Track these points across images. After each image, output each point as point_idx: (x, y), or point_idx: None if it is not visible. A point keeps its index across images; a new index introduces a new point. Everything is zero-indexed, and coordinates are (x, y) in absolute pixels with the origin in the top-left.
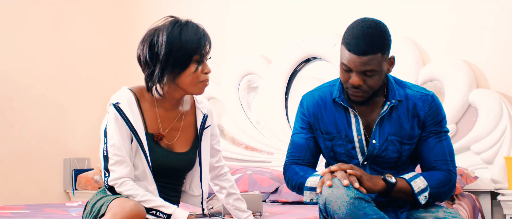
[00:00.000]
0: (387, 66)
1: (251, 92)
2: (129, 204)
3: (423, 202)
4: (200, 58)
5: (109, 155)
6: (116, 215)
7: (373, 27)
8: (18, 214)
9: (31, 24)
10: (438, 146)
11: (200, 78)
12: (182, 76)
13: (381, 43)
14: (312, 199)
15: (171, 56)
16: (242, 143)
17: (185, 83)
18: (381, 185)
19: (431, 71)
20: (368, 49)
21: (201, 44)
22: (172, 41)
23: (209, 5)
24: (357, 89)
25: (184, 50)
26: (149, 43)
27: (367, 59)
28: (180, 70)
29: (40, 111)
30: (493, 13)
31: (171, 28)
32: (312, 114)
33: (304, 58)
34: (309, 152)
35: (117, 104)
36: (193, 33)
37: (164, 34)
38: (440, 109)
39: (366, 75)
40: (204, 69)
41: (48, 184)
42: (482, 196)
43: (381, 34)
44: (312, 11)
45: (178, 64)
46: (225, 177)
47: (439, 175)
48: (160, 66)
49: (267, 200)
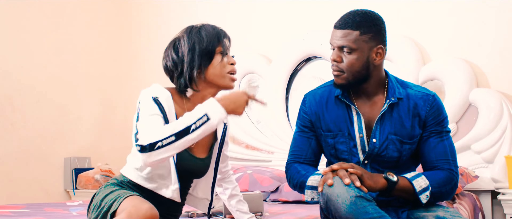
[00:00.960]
0: (370, 52)
1: (251, 91)
2: (145, 207)
3: (424, 201)
4: (223, 50)
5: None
6: (132, 215)
7: (361, 10)
8: (19, 213)
9: (31, 23)
10: (440, 145)
11: (227, 69)
12: (209, 69)
13: (361, 22)
14: (313, 198)
15: (195, 52)
16: (243, 142)
17: (213, 75)
18: (382, 183)
19: (432, 70)
20: (347, 24)
21: (221, 36)
22: (194, 39)
23: (208, 5)
24: (336, 66)
25: (206, 43)
26: (172, 49)
27: (343, 32)
28: (207, 63)
29: (40, 110)
30: (494, 12)
31: (190, 30)
32: (314, 112)
33: (304, 57)
34: (310, 151)
35: (156, 98)
36: (210, 29)
37: (184, 37)
38: (442, 109)
39: (343, 51)
40: (229, 61)
41: (49, 183)
42: (482, 195)
43: (366, 16)
44: (312, 10)
45: (203, 58)
46: (229, 179)
47: (441, 175)
48: (188, 64)
49: (268, 200)
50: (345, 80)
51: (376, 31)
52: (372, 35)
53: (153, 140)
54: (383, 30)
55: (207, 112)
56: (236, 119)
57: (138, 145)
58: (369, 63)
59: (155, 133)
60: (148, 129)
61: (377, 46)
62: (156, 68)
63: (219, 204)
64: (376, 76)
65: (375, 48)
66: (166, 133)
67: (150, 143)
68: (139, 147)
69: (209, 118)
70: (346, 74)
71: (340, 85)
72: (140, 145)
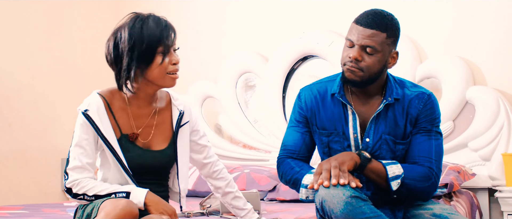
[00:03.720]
0: (389, 56)
1: (248, 90)
2: (121, 202)
3: (394, 188)
4: (165, 49)
5: (70, 158)
6: (109, 214)
7: (385, 12)
8: (16, 214)
9: (29, 23)
10: (425, 143)
11: (168, 69)
12: (149, 69)
13: (388, 25)
14: (308, 197)
15: (135, 51)
16: (240, 142)
17: (153, 76)
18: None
19: (428, 68)
20: (375, 24)
21: (164, 35)
22: (134, 36)
23: (206, 4)
24: (354, 63)
25: (146, 43)
26: (113, 42)
27: (371, 32)
28: (146, 64)
29: (38, 110)
30: (491, 10)
31: (133, 24)
32: (309, 108)
33: (301, 56)
34: (304, 147)
35: (86, 112)
36: (154, 26)
37: (126, 31)
38: (435, 108)
39: (366, 51)
40: (171, 60)
41: (46, 184)
42: (479, 193)
43: (391, 19)
44: (309, 8)
45: (143, 58)
46: (220, 175)
47: (418, 169)
48: (126, 63)
49: (265, 199)
50: (360, 78)
51: (398, 35)
52: (394, 39)
53: (76, 191)
54: (400, 35)
55: (131, 191)
56: (234, 118)
57: (65, 186)
58: (384, 67)
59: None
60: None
61: (394, 51)
62: None
63: (216, 203)
64: (381, 78)
65: (393, 52)
66: (90, 190)
67: (74, 194)
68: (65, 188)
69: (128, 196)
70: (364, 73)
71: (353, 82)
72: (65, 186)
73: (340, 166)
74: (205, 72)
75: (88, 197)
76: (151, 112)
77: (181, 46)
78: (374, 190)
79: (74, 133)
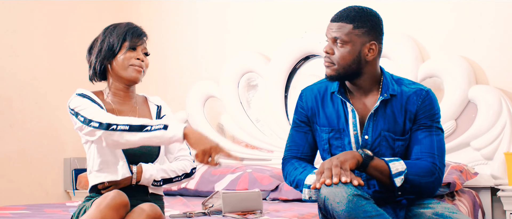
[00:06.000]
0: (364, 48)
1: (250, 90)
2: (111, 193)
3: (398, 185)
4: (130, 45)
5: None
6: (100, 204)
7: (359, 6)
8: (19, 214)
9: (31, 24)
10: (427, 140)
11: (130, 61)
12: (114, 62)
13: (356, 17)
14: (311, 197)
15: (104, 46)
16: (242, 141)
17: (117, 68)
18: (357, 155)
19: (430, 68)
20: (341, 17)
21: (130, 31)
22: (106, 35)
23: (208, 4)
24: (328, 57)
25: (113, 39)
26: (90, 47)
27: (337, 25)
28: (111, 57)
29: (40, 111)
30: (492, 9)
31: (108, 27)
32: (310, 108)
33: (303, 55)
34: (307, 146)
35: (84, 93)
36: (124, 25)
37: (100, 34)
38: (434, 103)
39: (336, 43)
40: (136, 56)
41: (48, 184)
42: (482, 192)
43: (361, 11)
44: (311, 8)
45: (108, 52)
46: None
47: (421, 164)
48: (95, 55)
49: (268, 198)
50: (335, 72)
51: (370, 26)
52: (365, 30)
53: (110, 121)
54: (378, 27)
55: (167, 124)
56: (236, 118)
57: (97, 122)
58: (360, 58)
59: (112, 117)
60: (102, 113)
61: (370, 42)
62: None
63: (218, 203)
64: (369, 72)
65: (368, 43)
66: (122, 120)
67: (108, 123)
68: (97, 123)
69: (165, 128)
70: (337, 66)
71: (330, 77)
72: (98, 122)
73: (342, 165)
74: (207, 72)
75: (122, 125)
76: (132, 108)
77: (183, 46)
78: (378, 188)
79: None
